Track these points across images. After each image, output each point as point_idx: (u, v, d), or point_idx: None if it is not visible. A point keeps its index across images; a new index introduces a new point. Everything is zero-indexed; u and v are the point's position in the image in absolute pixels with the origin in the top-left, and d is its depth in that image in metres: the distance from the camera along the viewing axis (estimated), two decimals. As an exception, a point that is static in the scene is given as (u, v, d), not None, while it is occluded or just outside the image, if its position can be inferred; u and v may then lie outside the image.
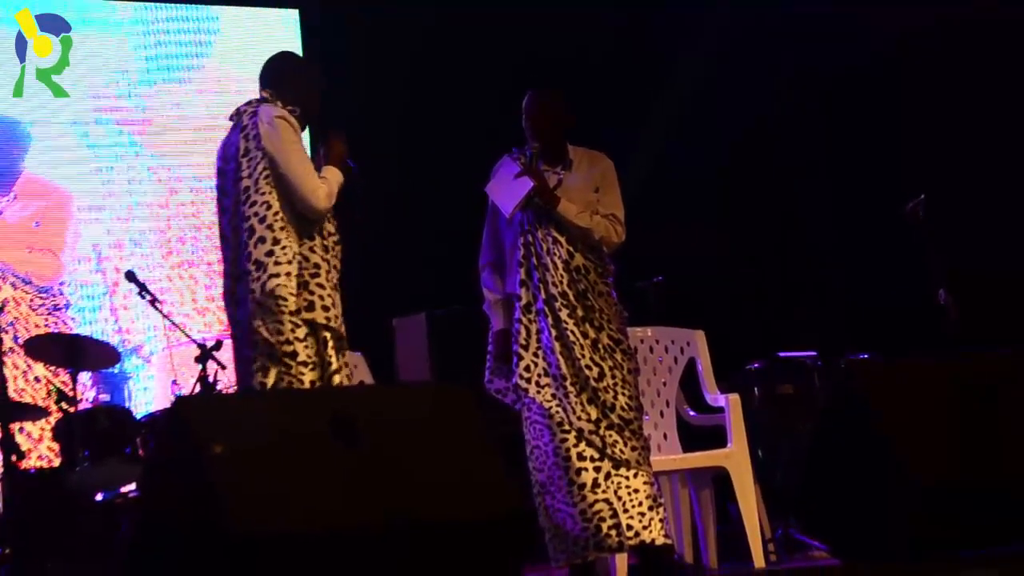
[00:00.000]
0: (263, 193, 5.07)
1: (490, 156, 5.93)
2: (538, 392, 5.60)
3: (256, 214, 5.05)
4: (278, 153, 5.10)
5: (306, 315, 5.03)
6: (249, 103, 5.27)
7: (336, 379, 5.05)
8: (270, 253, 5.01)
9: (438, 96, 9.10)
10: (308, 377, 4.99)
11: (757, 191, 9.46)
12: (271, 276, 4.98)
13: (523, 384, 5.62)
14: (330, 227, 5.20)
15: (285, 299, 4.99)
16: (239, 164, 5.13)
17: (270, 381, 4.97)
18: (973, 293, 7.10)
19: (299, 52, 8.45)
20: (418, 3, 9.23)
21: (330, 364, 5.06)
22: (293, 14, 9.20)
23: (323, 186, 5.15)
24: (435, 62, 9.15)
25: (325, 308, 5.07)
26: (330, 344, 5.07)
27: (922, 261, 6.68)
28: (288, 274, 5.01)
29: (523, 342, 5.66)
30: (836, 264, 9.36)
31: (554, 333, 5.63)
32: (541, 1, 9.25)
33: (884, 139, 9.09)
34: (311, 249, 5.12)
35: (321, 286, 5.09)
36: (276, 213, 5.06)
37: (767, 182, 9.50)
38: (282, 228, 5.05)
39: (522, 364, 5.64)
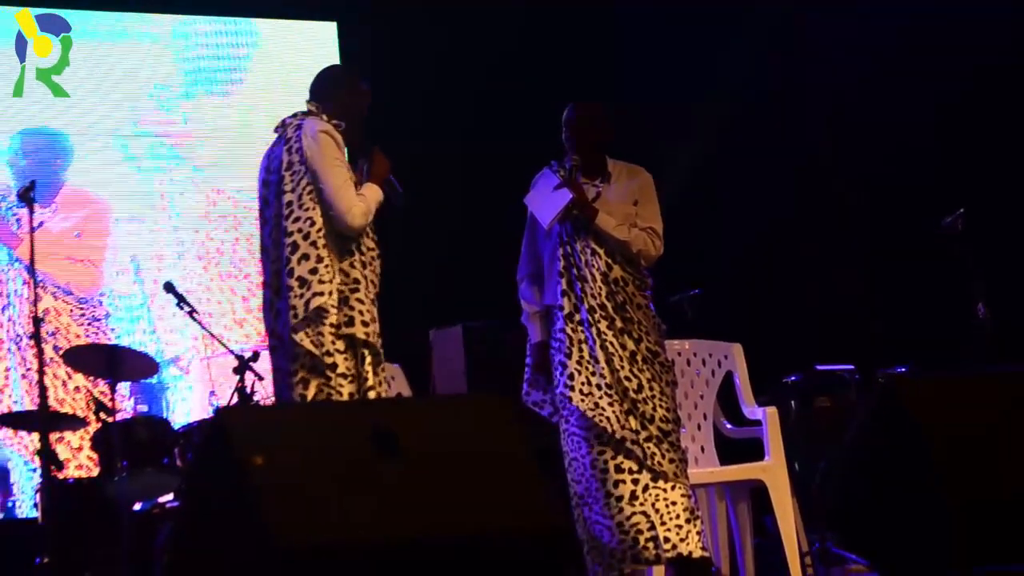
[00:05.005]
0: (306, 208, 5.08)
1: (529, 168, 5.94)
2: (582, 401, 5.58)
3: (300, 230, 5.06)
4: (319, 168, 5.10)
5: (346, 330, 5.04)
6: (295, 115, 5.28)
7: (371, 395, 5.05)
8: (314, 271, 5.02)
9: (475, 109, 9.11)
10: (347, 389, 5.00)
11: (797, 202, 9.43)
12: (315, 294, 4.99)
13: (568, 393, 5.60)
14: (369, 242, 5.21)
15: (327, 311, 5.00)
16: (282, 177, 5.14)
17: (310, 394, 4.99)
18: (1013, 308, 7.06)
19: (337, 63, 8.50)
20: (456, 17, 9.25)
21: (366, 380, 5.07)
22: (331, 26, 9.23)
23: (360, 204, 5.13)
24: (471, 75, 9.17)
25: (364, 324, 5.08)
26: (367, 360, 5.08)
27: (961, 275, 6.65)
28: (330, 292, 5.02)
29: (567, 351, 5.64)
30: (875, 277, 9.32)
31: (597, 343, 5.62)
32: (585, 15, 9.26)
33: (926, 152, 9.05)
34: (351, 264, 5.13)
35: (360, 301, 5.09)
36: (319, 229, 5.06)
37: (809, 195, 9.48)
38: (324, 245, 5.06)
39: (566, 373, 5.62)
